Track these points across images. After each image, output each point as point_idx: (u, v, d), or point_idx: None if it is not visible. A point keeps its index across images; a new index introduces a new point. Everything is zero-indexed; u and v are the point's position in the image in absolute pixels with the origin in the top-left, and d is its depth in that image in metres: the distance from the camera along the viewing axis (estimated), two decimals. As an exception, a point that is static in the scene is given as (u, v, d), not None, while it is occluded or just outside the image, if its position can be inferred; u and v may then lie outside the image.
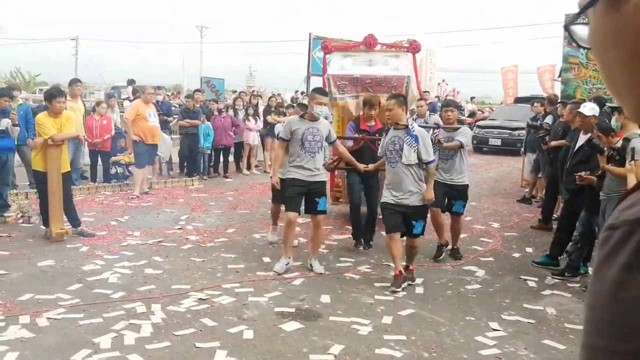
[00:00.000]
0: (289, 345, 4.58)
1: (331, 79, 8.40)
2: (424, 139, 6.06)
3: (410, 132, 6.02)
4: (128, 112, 10.94)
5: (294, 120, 6.78)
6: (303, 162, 6.47)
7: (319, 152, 6.54)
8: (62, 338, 4.59)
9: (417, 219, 6.08)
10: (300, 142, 6.46)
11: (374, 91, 8.13)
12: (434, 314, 5.38)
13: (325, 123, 6.76)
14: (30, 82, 51.67)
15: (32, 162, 7.95)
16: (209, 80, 21.62)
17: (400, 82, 8.17)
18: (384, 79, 8.26)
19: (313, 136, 6.48)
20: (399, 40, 9.23)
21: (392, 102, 6.07)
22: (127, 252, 7.04)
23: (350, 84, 8.36)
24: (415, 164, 6.00)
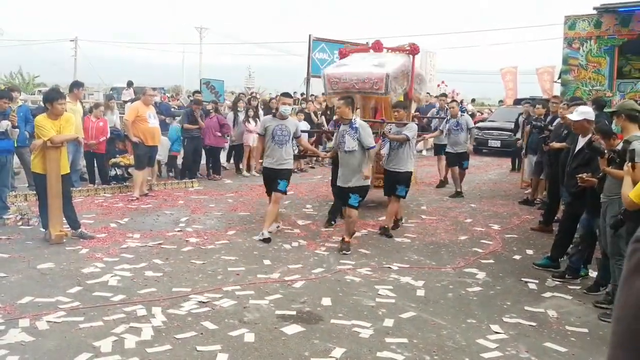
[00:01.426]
0: (290, 349, 4.56)
1: (326, 76, 9.59)
2: (364, 129, 7.42)
3: (353, 125, 7.40)
4: (128, 113, 10.92)
5: (267, 119, 8.44)
6: (272, 152, 8.00)
7: (286, 144, 8.02)
8: (62, 341, 4.57)
9: (354, 193, 7.48)
10: (272, 137, 7.96)
11: (359, 88, 9.27)
12: (435, 317, 5.37)
13: (293, 121, 8.44)
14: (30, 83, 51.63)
15: (31, 164, 7.92)
16: (208, 82, 21.58)
17: (380, 79, 9.05)
18: (367, 77, 9.18)
19: (281, 131, 7.98)
20: (401, 45, 10.50)
21: (341, 102, 7.59)
22: (127, 255, 7.02)
23: (340, 81, 9.38)
24: (357, 151, 7.34)
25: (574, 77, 12.54)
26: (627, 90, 11.90)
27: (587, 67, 12.34)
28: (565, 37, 12.69)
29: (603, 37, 12.17)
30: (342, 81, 9.33)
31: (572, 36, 12.52)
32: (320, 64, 16.64)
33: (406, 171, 8.49)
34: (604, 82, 12.19)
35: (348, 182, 7.43)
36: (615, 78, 12.13)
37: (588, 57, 12.35)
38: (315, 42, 16.58)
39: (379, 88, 9.10)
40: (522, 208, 10.83)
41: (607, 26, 12.10)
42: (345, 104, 7.52)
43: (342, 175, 7.56)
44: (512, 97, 23.85)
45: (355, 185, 7.41)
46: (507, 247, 7.97)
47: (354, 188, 7.42)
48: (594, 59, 12.31)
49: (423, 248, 7.80)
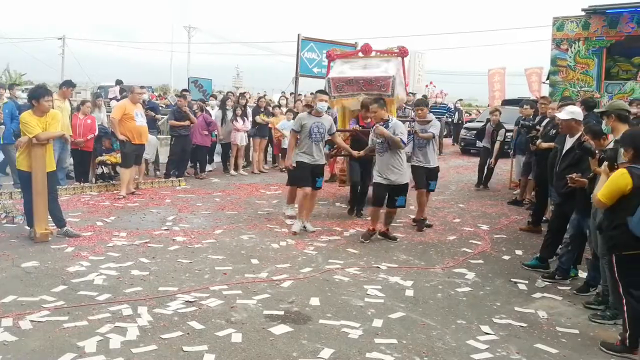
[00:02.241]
0: (278, 350, 4.50)
1: (331, 81, 9.89)
2: (400, 128, 7.91)
3: (389, 124, 7.88)
4: (115, 111, 10.81)
5: (303, 116, 8.53)
6: (309, 149, 8.24)
7: (322, 142, 8.35)
8: (46, 341, 4.48)
9: (400, 194, 8.01)
10: (309, 134, 8.20)
11: (366, 89, 9.65)
12: (425, 317, 5.32)
13: (328, 118, 8.51)
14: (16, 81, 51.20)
15: (16, 161, 7.79)
16: (196, 80, 21.50)
17: (387, 81, 9.58)
18: (374, 79, 9.67)
19: (318, 129, 8.23)
20: (390, 47, 10.71)
21: (375, 106, 8.00)
22: (113, 253, 6.93)
23: (347, 85, 9.81)
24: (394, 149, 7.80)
25: (562, 78, 12.57)
26: (615, 91, 11.95)
27: (576, 68, 12.38)
28: (554, 38, 12.72)
29: (591, 38, 12.21)
30: (349, 84, 9.78)
31: (560, 37, 12.55)
32: (309, 63, 16.57)
33: (435, 166, 9.07)
34: (592, 83, 12.23)
35: (390, 179, 7.85)
36: (604, 79, 12.17)
37: (576, 58, 12.38)
38: (304, 42, 16.50)
39: (386, 90, 9.51)
40: (510, 208, 10.83)
41: (595, 27, 12.14)
42: (380, 106, 7.96)
43: (381, 173, 7.93)
44: (499, 99, 23.86)
45: (398, 182, 7.88)
46: (496, 248, 7.95)
47: (398, 187, 7.91)
48: (582, 60, 12.34)
49: (412, 248, 7.76)
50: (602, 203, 4.74)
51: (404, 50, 10.47)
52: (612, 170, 4.84)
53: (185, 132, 12.85)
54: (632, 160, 4.71)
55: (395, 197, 7.98)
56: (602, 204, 4.76)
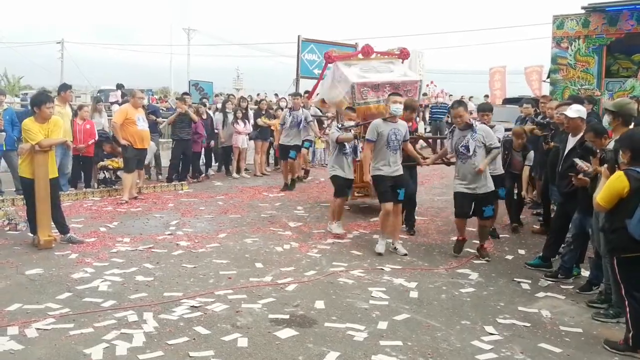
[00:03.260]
0: (284, 353, 4.51)
1: (356, 87, 9.33)
2: (487, 132, 7.39)
3: (475, 129, 7.31)
4: (116, 116, 10.84)
5: (379, 123, 7.60)
6: (389, 160, 7.48)
7: (399, 149, 7.57)
8: (52, 349, 4.49)
9: (487, 204, 7.39)
10: (386, 142, 7.44)
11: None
12: (429, 319, 5.34)
13: (403, 123, 7.75)
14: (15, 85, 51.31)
15: (19, 168, 7.82)
16: (197, 83, 21.54)
17: (414, 85, 9.45)
18: (401, 83, 9.41)
19: (395, 136, 7.48)
20: (390, 49, 10.41)
21: (460, 109, 7.33)
22: (117, 259, 6.94)
23: (373, 90, 9.39)
24: (479, 155, 7.23)
25: (563, 76, 12.58)
26: (616, 89, 11.95)
27: (576, 66, 12.38)
28: (554, 36, 12.73)
29: (591, 36, 12.21)
30: (374, 89, 9.41)
31: (560, 35, 12.56)
32: (309, 64, 16.60)
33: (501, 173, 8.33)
34: (592, 81, 12.23)
35: (476, 188, 7.21)
36: (604, 77, 12.17)
37: (576, 56, 12.39)
38: (304, 43, 16.53)
39: (414, 95, 9.31)
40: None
41: (595, 25, 12.14)
42: (465, 109, 7.39)
43: (465, 181, 7.26)
44: (500, 97, 23.85)
45: (485, 191, 7.25)
46: (499, 247, 7.96)
47: (485, 196, 7.27)
48: (582, 58, 12.35)
49: (415, 249, 7.78)
50: (601, 207, 4.75)
51: (405, 52, 10.31)
52: (612, 172, 4.85)
53: (186, 136, 12.86)
54: (630, 162, 4.71)
55: (483, 207, 7.31)
56: (601, 208, 4.76)
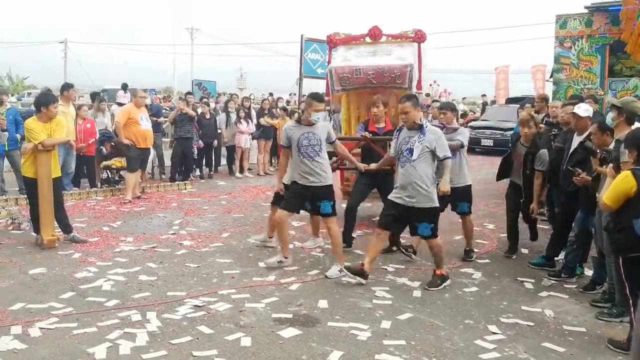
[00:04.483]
0: (288, 353, 4.52)
1: (334, 71, 8.30)
2: (438, 136, 6.20)
3: (424, 130, 6.15)
4: (120, 116, 10.85)
5: (289, 126, 6.88)
6: (302, 167, 6.54)
7: (317, 156, 6.54)
8: (56, 349, 4.50)
9: (422, 221, 6.18)
10: (297, 148, 6.55)
11: (377, 82, 8.11)
12: (433, 318, 5.33)
13: (323, 125, 6.76)
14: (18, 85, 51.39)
15: (22, 168, 7.83)
16: (200, 83, 21.52)
17: (404, 71, 8.02)
18: (387, 69, 8.08)
19: (309, 141, 6.53)
20: (404, 31, 8.98)
21: (408, 104, 6.16)
22: (121, 259, 6.95)
23: (353, 76, 8.23)
24: (425, 163, 6.10)
25: (566, 76, 12.56)
26: (619, 88, 11.93)
27: (579, 65, 12.36)
28: (557, 36, 12.71)
29: (594, 35, 12.20)
30: (356, 76, 8.19)
31: (563, 35, 12.54)
32: (312, 64, 16.59)
33: (466, 184, 7.27)
34: (595, 80, 12.21)
35: (412, 201, 6.08)
36: (607, 76, 12.15)
37: (580, 55, 12.37)
38: (307, 43, 16.52)
39: (402, 82, 8.04)
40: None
41: (598, 25, 12.13)
42: (413, 105, 6.16)
43: (401, 192, 6.16)
44: (504, 97, 23.90)
45: (423, 206, 6.08)
46: (503, 247, 7.94)
47: (424, 212, 6.12)
48: (585, 57, 12.33)
49: (418, 248, 7.73)
50: (608, 206, 4.72)
51: (421, 34, 8.67)
52: (618, 172, 4.83)
53: (186, 135, 12.87)
54: (637, 162, 4.70)
55: (417, 224, 6.24)
56: (608, 207, 4.74)
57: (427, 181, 6.08)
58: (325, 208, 6.61)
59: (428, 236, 6.23)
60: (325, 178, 6.60)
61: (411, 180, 6.05)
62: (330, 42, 9.13)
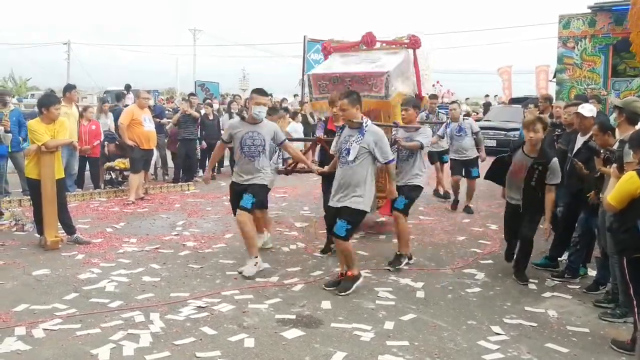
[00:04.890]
0: (291, 354, 4.52)
1: (311, 78, 8.13)
2: (380, 137, 5.91)
3: (362, 130, 5.90)
4: (123, 117, 10.86)
5: (234, 123, 6.78)
6: (241, 166, 6.54)
7: (259, 157, 6.46)
8: (59, 350, 4.51)
9: (343, 217, 5.87)
10: (240, 146, 6.47)
11: (356, 89, 7.27)
12: (436, 319, 5.33)
13: (269, 125, 6.64)
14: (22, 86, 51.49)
15: (25, 169, 7.85)
16: (203, 84, 21.55)
17: (380, 78, 7.67)
18: (363, 76, 7.79)
19: (253, 140, 6.44)
20: (398, 37, 8.71)
21: (345, 101, 5.93)
22: (124, 260, 6.96)
23: (332, 84, 7.94)
24: (362, 164, 5.85)
25: (569, 76, 12.57)
26: (622, 88, 11.94)
27: (582, 65, 12.38)
28: (560, 36, 12.72)
29: (597, 35, 12.21)
30: (334, 83, 7.91)
31: (566, 35, 12.55)
32: (315, 65, 16.60)
33: (413, 184, 6.95)
34: (598, 80, 12.22)
35: (340, 200, 5.91)
36: (610, 76, 12.16)
37: (583, 55, 12.38)
38: (310, 43, 16.57)
39: (379, 90, 7.69)
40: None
41: (602, 25, 12.14)
42: (351, 103, 5.89)
43: (337, 192, 5.99)
44: (507, 97, 23.91)
45: (347, 205, 5.84)
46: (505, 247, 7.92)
47: (345, 210, 5.85)
48: (588, 57, 12.34)
49: (422, 249, 7.76)
50: (612, 207, 4.71)
51: (415, 40, 8.43)
52: (622, 172, 4.82)
53: (190, 136, 12.89)
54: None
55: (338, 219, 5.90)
56: (612, 208, 4.72)
57: (364, 186, 5.86)
58: (245, 201, 6.44)
59: (341, 236, 5.86)
60: (261, 178, 6.55)
61: (348, 182, 5.87)
62: (324, 50, 9.05)
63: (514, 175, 6.46)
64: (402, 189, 6.74)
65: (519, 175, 6.37)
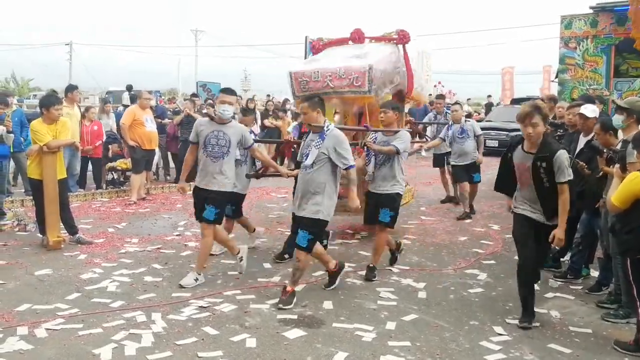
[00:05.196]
0: (293, 354, 4.52)
1: (292, 76, 7.66)
2: (339, 142, 5.56)
3: (323, 134, 5.59)
4: (125, 117, 10.87)
5: (201, 121, 6.39)
6: (203, 167, 6.08)
7: (223, 158, 6.03)
8: (62, 349, 4.51)
9: (304, 228, 5.55)
10: (203, 145, 6.07)
11: (335, 87, 7.39)
12: (438, 319, 5.33)
13: (236, 127, 6.27)
14: (24, 87, 51.55)
15: (27, 169, 7.86)
16: (204, 84, 21.55)
17: (362, 72, 7.23)
18: (345, 71, 7.34)
19: (217, 140, 6.04)
20: (387, 33, 8.33)
21: (305, 104, 5.74)
22: (126, 260, 6.97)
23: (311, 80, 7.54)
24: (321, 169, 5.54)
25: (571, 76, 12.55)
26: (625, 89, 11.91)
27: (584, 66, 12.35)
28: (562, 36, 12.70)
29: (599, 36, 12.18)
30: (314, 80, 7.52)
31: (568, 35, 12.53)
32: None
33: (393, 193, 6.49)
34: (601, 81, 12.19)
35: (301, 208, 5.64)
36: (613, 77, 12.13)
37: (585, 56, 12.35)
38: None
39: (361, 85, 7.27)
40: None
41: (604, 25, 12.11)
42: (311, 106, 5.66)
43: (297, 199, 5.74)
44: (509, 98, 23.93)
45: (307, 216, 5.55)
46: (507, 248, 7.92)
47: (304, 221, 5.57)
48: (590, 58, 12.31)
49: (423, 249, 7.76)
50: (616, 207, 4.69)
51: (404, 34, 8.04)
52: (625, 172, 4.81)
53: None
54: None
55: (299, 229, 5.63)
56: (616, 208, 4.70)
57: (323, 193, 5.54)
58: (208, 214, 6.05)
59: (303, 247, 5.55)
60: (224, 185, 6.08)
61: (306, 189, 5.58)
62: (313, 49, 8.70)
63: (520, 179, 5.27)
64: (380, 199, 6.44)
65: (524, 178, 5.20)
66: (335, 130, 5.72)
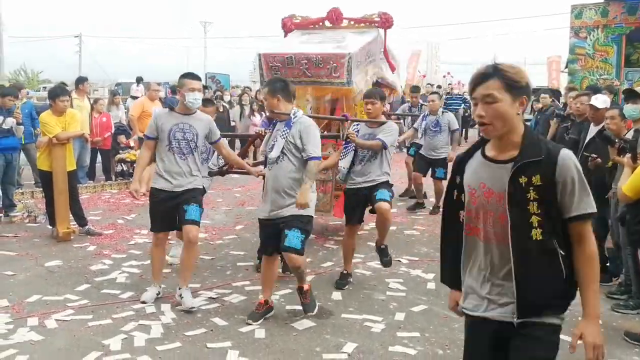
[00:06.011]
0: (302, 344, 4.52)
1: (262, 58, 6.96)
2: (307, 130, 4.79)
3: (290, 122, 4.84)
4: (133, 109, 10.89)
5: (160, 113, 5.51)
6: (169, 167, 5.33)
7: (193, 154, 5.35)
8: (72, 340, 4.54)
9: (292, 228, 4.76)
10: (167, 141, 5.27)
11: (311, 74, 6.84)
12: (447, 310, 5.27)
13: (204, 118, 5.51)
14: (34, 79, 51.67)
15: (37, 161, 7.89)
16: (214, 76, 21.53)
17: (340, 61, 6.66)
18: (322, 58, 6.74)
19: (183, 134, 5.29)
20: (368, 15, 7.73)
21: (265, 90, 5.07)
22: (135, 251, 6.99)
23: (284, 67, 6.89)
24: (291, 162, 4.78)
25: (581, 66, 12.48)
26: (635, 78, 11.84)
27: (595, 56, 12.27)
28: (572, 26, 12.61)
29: (610, 25, 12.09)
30: (287, 65, 6.84)
31: (578, 25, 12.44)
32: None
33: (384, 180, 5.87)
34: (611, 70, 12.12)
35: (280, 211, 4.80)
36: (623, 66, 12.05)
37: (595, 46, 12.27)
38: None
39: (340, 75, 6.72)
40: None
41: (614, 14, 12.02)
42: (271, 93, 4.89)
43: (267, 200, 4.91)
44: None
45: (292, 214, 4.76)
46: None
47: (291, 219, 4.77)
48: (601, 47, 12.23)
49: (432, 240, 7.72)
50: (627, 197, 4.66)
51: (386, 18, 7.51)
52: (636, 162, 4.77)
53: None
54: None
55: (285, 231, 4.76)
56: (627, 198, 4.67)
57: (298, 189, 4.75)
58: (193, 214, 5.27)
59: (298, 249, 4.74)
60: (195, 181, 5.42)
61: (278, 188, 4.78)
62: (284, 27, 7.85)
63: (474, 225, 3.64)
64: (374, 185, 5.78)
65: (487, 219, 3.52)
66: (304, 117, 4.97)
